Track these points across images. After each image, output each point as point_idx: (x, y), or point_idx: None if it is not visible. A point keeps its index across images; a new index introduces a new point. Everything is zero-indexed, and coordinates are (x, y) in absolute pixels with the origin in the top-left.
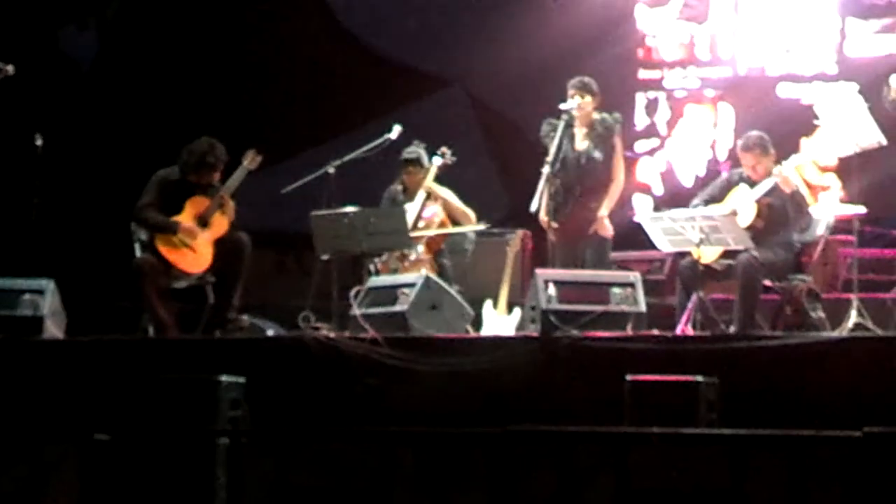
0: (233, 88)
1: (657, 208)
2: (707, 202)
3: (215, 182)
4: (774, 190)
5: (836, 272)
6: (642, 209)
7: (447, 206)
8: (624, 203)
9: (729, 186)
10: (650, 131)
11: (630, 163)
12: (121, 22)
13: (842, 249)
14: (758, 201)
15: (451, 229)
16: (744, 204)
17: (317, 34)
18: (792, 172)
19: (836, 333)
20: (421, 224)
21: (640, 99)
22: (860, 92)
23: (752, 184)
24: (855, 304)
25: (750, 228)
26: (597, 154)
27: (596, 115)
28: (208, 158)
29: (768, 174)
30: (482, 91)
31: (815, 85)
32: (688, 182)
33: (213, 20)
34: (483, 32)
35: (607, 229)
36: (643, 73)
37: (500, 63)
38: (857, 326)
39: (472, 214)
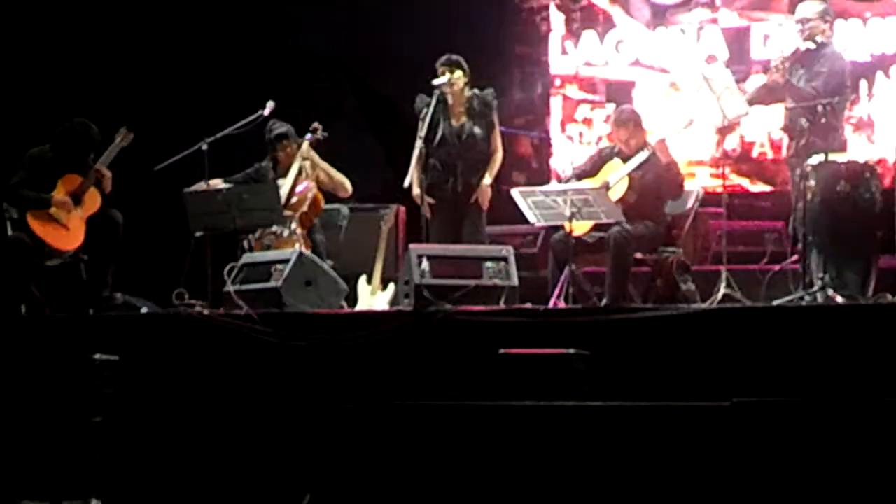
0: (103, 64)
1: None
2: (579, 176)
3: (88, 161)
4: (646, 163)
5: (707, 244)
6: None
7: (325, 175)
8: (503, 177)
9: (601, 160)
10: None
11: (511, 138)
12: None
13: (712, 222)
14: (630, 175)
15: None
16: (616, 177)
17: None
18: (668, 143)
19: (705, 305)
20: (294, 200)
21: (517, 74)
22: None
23: (625, 158)
24: (724, 275)
25: (621, 202)
26: (477, 131)
27: (469, 92)
28: (84, 140)
29: (640, 148)
30: (361, 69)
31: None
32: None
33: None
34: (365, 11)
35: (488, 199)
36: (520, 49)
37: (381, 41)
38: (727, 298)
39: (347, 183)
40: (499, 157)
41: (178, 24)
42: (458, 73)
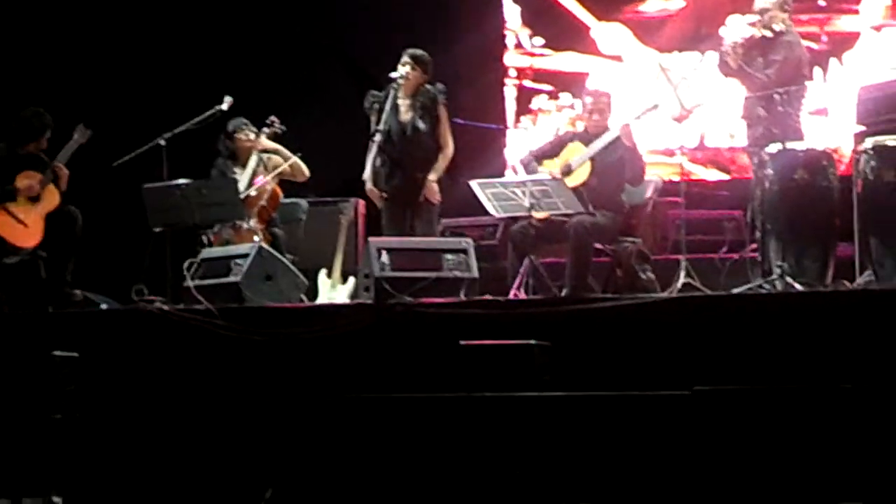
0: (60, 60)
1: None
2: (539, 158)
3: (44, 156)
4: (610, 146)
5: (666, 234)
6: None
7: (282, 159)
8: (461, 169)
9: (561, 143)
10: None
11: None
12: None
13: (670, 211)
14: (592, 159)
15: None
16: (579, 161)
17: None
18: (631, 129)
19: (665, 294)
20: (252, 193)
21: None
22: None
23: (586, 141)
24: (683, 264)
25: (585, 185)
26: (421, 125)
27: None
28: (34, 122)
29: (603, 130)
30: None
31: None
32: None
33: None
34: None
35: (436, 194)
36: (475, 40)
37: (382, 33)
38: (686, 287)
39: (304, 167)
40: (448, 152)
41: (135, 19)
42: (417, 71)
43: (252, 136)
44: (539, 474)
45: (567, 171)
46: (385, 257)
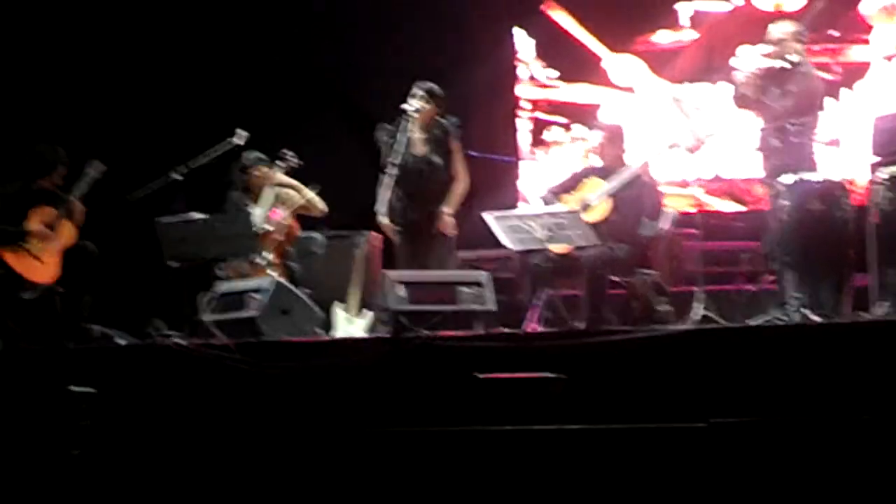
0: (76, 95)
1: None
2: (557, 193)
3: (59, 191)
4: (630, 182)
5: (682, 265)
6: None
7: (297, 194)
8: (477, 202)
9: (579, 179)
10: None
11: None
12: None
13: (687, 243)
14: (613, 195)
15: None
16: (597, 196)
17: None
18: (650, 165)
19: (681, 326)
20: (269, 227)
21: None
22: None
23: (604, 175)
24: (700, 296)
25: (605, 221)
26: (436, 159)
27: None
28: (48, 157)
29: (619, 164)
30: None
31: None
32: None
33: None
34: (368, 41)
35: (451, 227)
36: (487, 72)
37: (384, 71)
38: (703, 319)
39: (320, 201)
40: (463, 185)
41: (149, 54)
42: (431, 105)
43: (266, 170)
44: None
45: (586, 207)
46: (401, 291)
